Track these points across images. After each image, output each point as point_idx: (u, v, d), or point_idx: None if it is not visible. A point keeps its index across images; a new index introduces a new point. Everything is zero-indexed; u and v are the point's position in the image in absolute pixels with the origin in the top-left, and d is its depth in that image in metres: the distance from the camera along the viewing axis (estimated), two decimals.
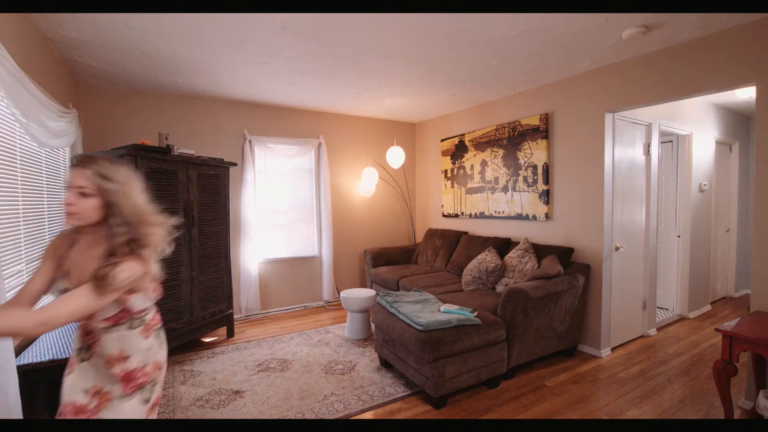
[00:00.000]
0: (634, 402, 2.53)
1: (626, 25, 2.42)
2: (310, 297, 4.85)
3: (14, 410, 1.50)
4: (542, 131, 3.66)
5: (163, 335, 1.38)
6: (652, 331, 3.75)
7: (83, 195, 1.14)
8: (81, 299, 1.06)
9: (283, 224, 4.66)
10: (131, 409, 1.24)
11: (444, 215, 5.10)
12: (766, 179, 2.36)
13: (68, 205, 1.15)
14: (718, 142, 4.64)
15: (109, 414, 1.21)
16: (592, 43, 2.71)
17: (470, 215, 4.63)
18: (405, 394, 2.64)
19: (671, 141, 4.29)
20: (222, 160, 3.62)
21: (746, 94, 3.80)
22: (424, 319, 2.54)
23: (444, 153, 5.04)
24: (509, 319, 2.77)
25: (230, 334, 3.79)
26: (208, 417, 2.38)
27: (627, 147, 3.44)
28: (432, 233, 4.98)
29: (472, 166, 4.57)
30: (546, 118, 3.64)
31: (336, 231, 4.96)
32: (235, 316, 4.09)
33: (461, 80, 3.57)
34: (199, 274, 3.41)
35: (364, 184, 5.02)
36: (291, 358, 3.26)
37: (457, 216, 4.86)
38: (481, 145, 4.42)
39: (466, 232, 4.59)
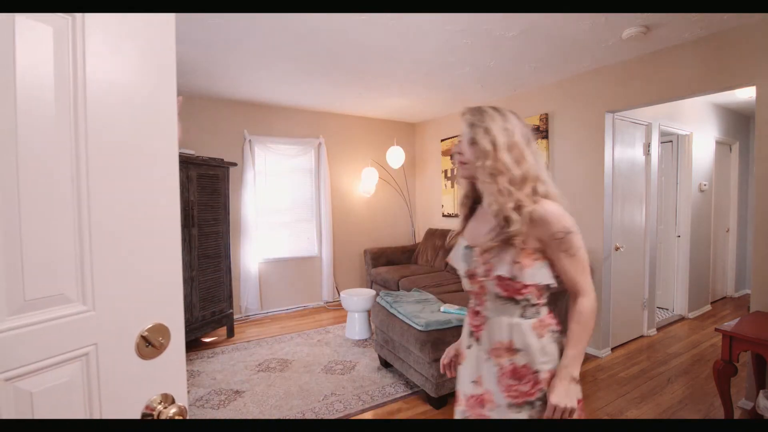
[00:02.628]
0: (634, 402, 2.53)
1: (626, 25, 2.42)
2: (310, 297, 4.85)
3: None
4: (542, 131, 3.66)
5: (563, 343, 1.08)
6: (652, 331, 3.75)
7: (473, 143, 1.05)
8: (579, 262, 1.02)
9: (283, 224, 4.66)
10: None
11: (444, 215, 5.10)
12: (766, 179, 2.36)
13: (458, 155, 1.10)
14: (718, 142, 4.64)
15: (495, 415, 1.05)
16: (592, 43, 2.71)
17: None
18: (405, 394, 2.64)
19: (671, 141, 4.29)
20: (222, 160, 3.62)
21: (746, 94, 3.79)
22: (424, 319, 2.54)
23: (444, 153, 5.04)
24: None
25: (230, 334, 3.79)
26: (208, 417, 2.39)
27: (627, 147, 3.44)
28: (432, 233, 4.98)
29: None
30: (546, 118, 3.64)
31: (336, 231, 4.96)
32: (235, 316, 4.09)
33: (461, 80, 3.57)
34: (199, 274, 3.41)
35: (364, 184, 5.02)
36: (291, 358, 3.26)
37: (457, 216, 4.85)
38: None
39: None
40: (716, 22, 2.39)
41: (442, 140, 5.06)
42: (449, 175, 4.97)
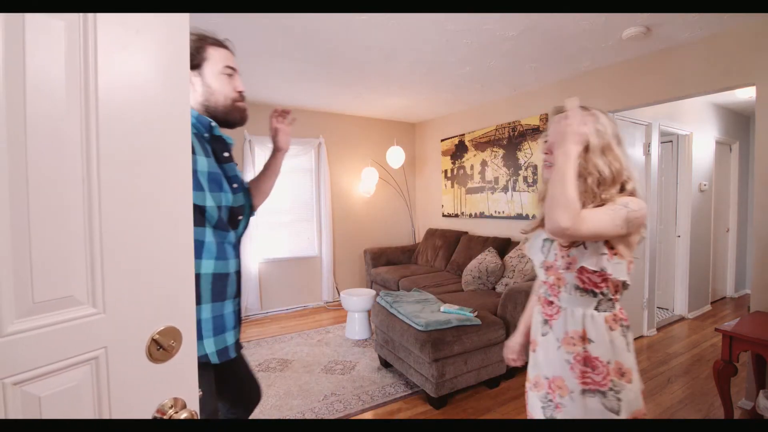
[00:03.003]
0: None
1: (626, 25, 2.42)
2: (310, 297, 4.85)
3: None
4: (542, 131, 3.66)
5: (630, 336, 1.12)
6: (652, 332, 3.75)
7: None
8: (601, 216, 0.99)
9: (283, 224, 4.66)
10: (593, 410, 1.06)
11: (444, 215, 5.10)
12: (766, 179, 2.36)
13: (545, 155, 1.14)
14: (718, 142, 4.64)
15: (567, 415, 1.09)
16: (592, 43, 2.71)
17: (470, 215, 4.63)
18: (405, 394, 2.64)
19: (671, 141, 4.29)
20: None
21: (746, 94, 3.79)
22: (424, 319, 2.54)
23: (444, 153, 5.04)
24: (509, 319, 2.77)
25: None
26: None
27: (627, 147, 3.41)
28: (432, 233, 4.98)
29: (472, 166, 4.57)
30: (546, 118, 3.64)
31: (336, 231, 4.96)
32: None
33: (461, 80, 3.57)
34: None
35: (364, 184, 5.02)
36: (291, 358, 3.26)
37: (457, 216, 4.86)
38: (481, 145, 4.42)
39: (466, 232, 4.59)
40: (716, 22, 2.39)
41: (442, 140, 5.06)
42: (449, 175, 4.97)
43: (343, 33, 2.54)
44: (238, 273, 1.16)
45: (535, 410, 1.18)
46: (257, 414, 2.40)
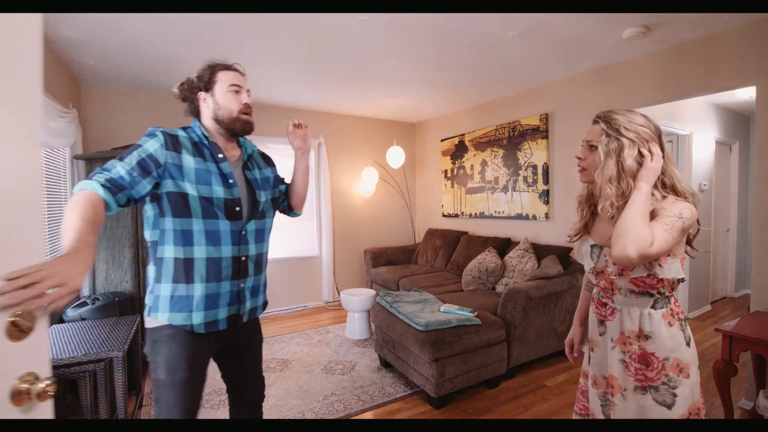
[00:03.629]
0: None
1: (626, 25, 2.42)
2: (310, 297, 4.85)
3: None
4: (542, 131, 3.66)
5: (688, 330, 1.13)
6: None
7: (591, 148, 1.13)
8: (664, 233, 0.99)
9: (283, 224, 4.66)
10: (644, 406, 1.08)
11: (444, 215, 5.10)
12: (766, 179, 2.36)
13: (578, 159, 1.17)
14: (718, 142, 4.64)
15: (619, 413, 1.12)
16: (592, 43, 2.71)
17: (470, 215, 4.63)
18: (405, 394, 2.64)
19: (671, 141, 4.29)
20: None
21: (746, 94, 3.79)
22: (424, 319, 2.54)
23: (444, 153, 5.04)
24: (509, 319, 2.77)
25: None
26: (208, 417, 2.38)
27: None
28: (432, 233, 4.98)
29: (472, 166, 4.57)
30: (546, 118, 3.64)
31: (336, 231, 4.96)
32: None
33: (461, 80, 3.57)
34: None
35: (364, 184, 5.02)
36: (291, 358, 3.26)
37: (457, 216, 4.86)
38: (481, 145, 4.42)
39: (466, 232, 4.59)
40: (716, 22, 2.39)
41: (442, 140, 5.06)
42: (449, 175, 4.97)
43: (343, 33, 2.54)
44: (238, 258, 1.29)
45: (596, 408, 1.21)
46: None
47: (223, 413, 2.42)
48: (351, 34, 2.56)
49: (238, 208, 1.28)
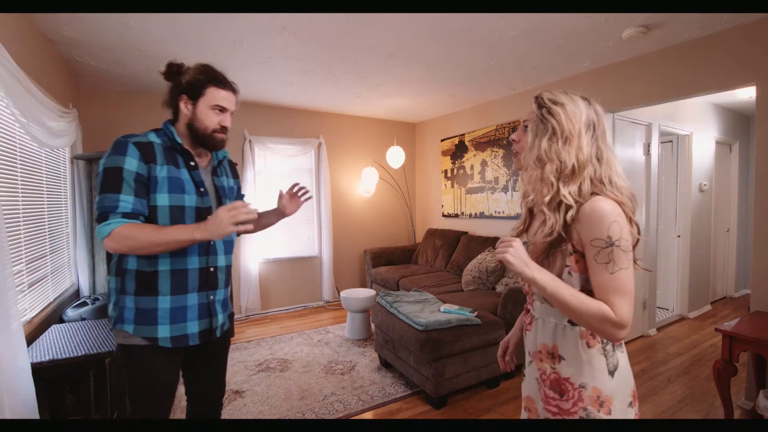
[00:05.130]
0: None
1: (626, 25, 2.43)
2: (310, 297, 4.85)
3: (29, 408, 1.48)
4: None
5: (624, 362, 0.94)
6: (652, 331, 3.75)
7: (525, 129, 1.00)
8: (623, 279, 0.85)
9: (283, 224, 4.64)
10: None
11: (444, 215, 5.10)
12: (766, 179, 2.36)
13: (513, 142, 1.04)
14: (718, 142, 4.64)
15: None
16: (592, 43, 2.71)
17: (470, 215, 4.63)
18: (405, 394, 2.64)
19: (671, 141, 4.29)
20: None
21: (746, 94, 3.79)
22: (424, 319, 2.54)
23: (444, 153, 5.04)
24: (509, 318, 2.77)
25: (230, 333, 3.78)
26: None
27: (627, 147, 3.44)
28: (432, 233, 4.98)
29: (472, 166, 4.57)
30: None
31: (336, 231, 4.96)
32: (235, 316, 4.09)
33: (461, 80, 3.57)
34: None
35: (364, 184, 5.02)
36: (291, 358, 3.26)
37: (457, 216, 4.86)
38: (481, 145, 4.42)
39: (466, 232, 4.59)
40: (716, 22, 2.39)
41: (442, 140, 5.06)
42: (449, 175, 4.97)
43: (343, 33, 2.54)
44: (206, 269, 1.29)
45: None
46: (257, 414, 2.40)
47: (223, 413, 2.41)
48: (351, 34, 2.56)
49: (208, 217, 1.23)
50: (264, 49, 2.78)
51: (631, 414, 0.95)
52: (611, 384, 0.91)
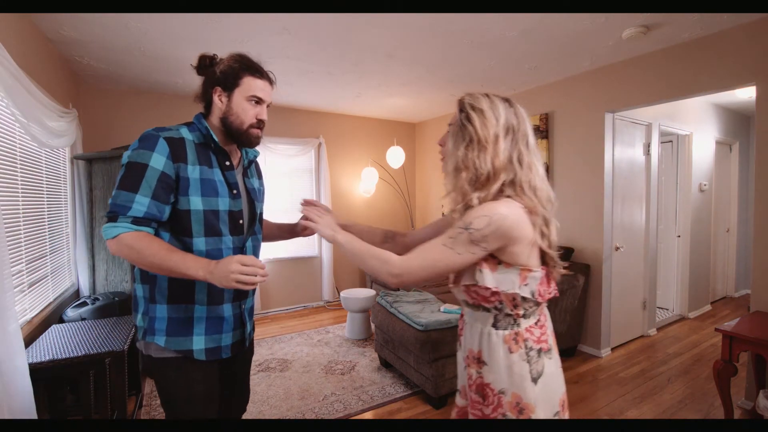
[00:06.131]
0: (634, 402, 2.53)
1: (626, 25, 2.42)
2: (310, 297, 4.85)
3: (27, 409, 1.48)
4: (542, 131, 3.66)
5: (553, 369, 0.95)
6: (652, 331, 3.75)
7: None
8: (432, 252, 0.88)
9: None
10: None
11: (444, 215, 5.09)
12: (766, 179, 2.36)
13: (440, 146, 1.06)
14: (718, 142, 4.64)
15: None
16: (592, 43, 2.71)
17: None
18: (405, 394, 2.64)
19: (671, 141, 4.29)
20: None
21: (746, 94, 3.79)
22: (424, 319, 2.54)
23: None
24: None
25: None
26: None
27: (627, 147, 3.44)
28: None
29: None
30: (546, 118, 3.64)
31: None
32: None
33: (461, 80, 3.57)
34: None
35: (364, 184, 5.02)
36: (291, 358, 3.26)
37: None
38: None
39: None
40: (716, 22, 2.39)
41: None
42: None
43: (343, 33, 2.54)
44: None
45: None
46: (257, 414, 2.40)
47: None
48: (351, 34, 2.56)
49: (241, 221, 1.20)
50: (264, 49, 2.78)
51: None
52: (534, 391, 0.89)
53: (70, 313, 2.41)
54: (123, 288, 2.85)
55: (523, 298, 0.91)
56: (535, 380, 0.90)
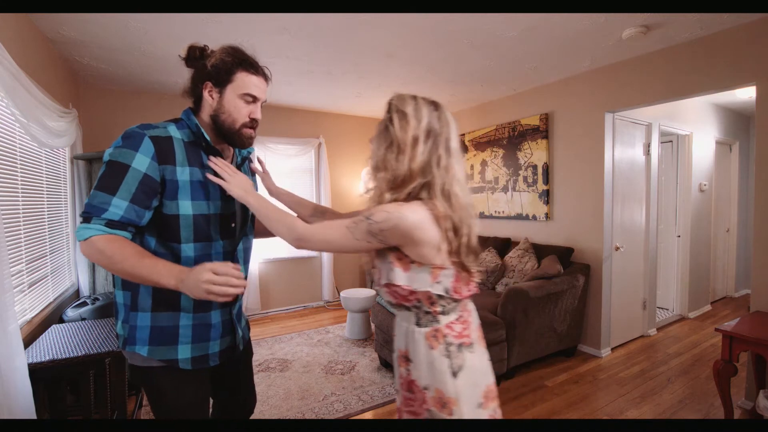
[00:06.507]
0: (634, 402, 2.53)
1: (626, 25, 2.42)
2: (310, 297, 4.85)
3: (26, 409, 1.48)
4: (542, 131, 3.66)
5: (475, 363, 0.96)
6: (652, 331, 3.75)
7: None
8: (334, 229, 0.93)
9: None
10: None
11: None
12: (766, 179, 2.36)
13: (370, 143, 1.09)
14: (718, 142, 4.64)
15: None
16: (592, 43, 2.71)
17: None
18: None
19: (671, 141, 4.29)
20: None
21: (746, 94, 3.80)
22: None
23: None
24: (509, 319, 2.77)
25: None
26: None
27: (627, 147, 3.44)
28: None
29: (472, 166, 4.57)
30: (546, 118, 3.64)
31: None
32: None
33: (461, 80, 3.57)
34: None
35: (365, 184, 5.01)
36: (291, 358, 3.26)
37: None
38: (481, 145, 4.42)
39: None
40: (716, 22, 2.39)
41: None
42: None
43: (343, 33, 2.54)
44: None
45: None
46: (257, 414, 2.40)
47: None
48: (351, 34, 2.56)
49: (233, 224, 1.16)
50: (264, 49, 2.78)
51: (484, 415, 0.95)
52: (454, 385, 0.91)
53: (70, 313, 2.41)
54: None
55: (439, 296, 0.93)
56: (455, 374, 0.92)
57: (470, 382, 0.93)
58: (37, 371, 1.66)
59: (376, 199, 0.96)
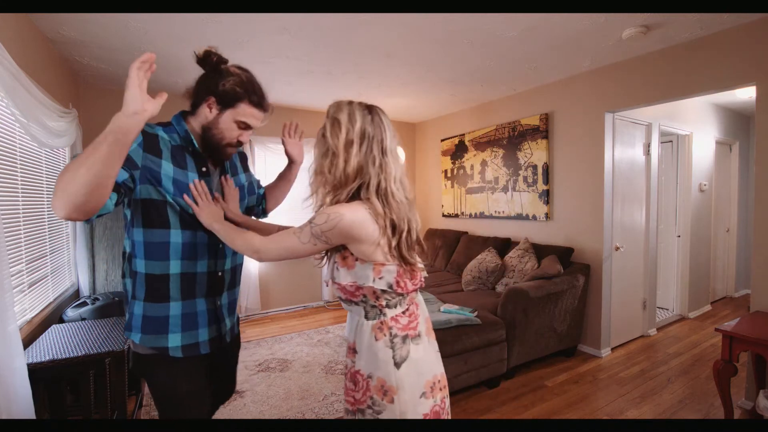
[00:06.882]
0: (634, 402, 2.53)
1: (626, 25, 2.42)
2: (310, 297, 4.85)
3: (26, 410, 1.48)
4: (542, 131, 3.66)
5: (420, 354, 1.01)
6: (652, 331, 3.75)
7: None
8: (284, 237, 1.00)
9: (283, 224, 4.65)
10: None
11: (444, 215, 5.10)
12: (766, 179, 2.36)
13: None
14: (718, 142, 4.64)
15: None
16: (592, 43, 2.71)
17: (470, 215, 4.63)
18: None
19: (671, 141, 4.29)
20: None
21: (746, 94, 3.80)
22: None
23: (444, 153, 5.04)
24: (509, 319, 2.77)
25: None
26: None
27: (627, 147, 3.44)
28: (432, 233, 4.97)
29: (472, 166, 4.57)
30: (546, 118, 3.64)
31: None
32: None
33: (461, 80, 3.57)
34: None
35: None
36: (291, 358, 3.26)
37: (457, 216, 4.86)
38: (481, 145, 4.42)
39: (466, 232, 4.59)
40: (716, 22, 2.39)
41: (442, 140, 5.06)
42: (449, 175, 4.97)
43: (343, 33, 2.54)
44: (214, 273, 1.20)
45: None
46: (257, 414, 2.40)
47: (223, 413, 2.42)
48: (351, 34, 2.56)
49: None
50: (264, 49, 2.78)
51: (427, 405, 0.99)
52: (396, 375, 0.97)
53: (70, 313, 2.41)
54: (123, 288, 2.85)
55: (383, 291, 0.98)
56: (398, 365, 0.97)
57: (414, 372, 0.98)
58: (37, 371, 1.66)
59: (319, 202, 1.04)
